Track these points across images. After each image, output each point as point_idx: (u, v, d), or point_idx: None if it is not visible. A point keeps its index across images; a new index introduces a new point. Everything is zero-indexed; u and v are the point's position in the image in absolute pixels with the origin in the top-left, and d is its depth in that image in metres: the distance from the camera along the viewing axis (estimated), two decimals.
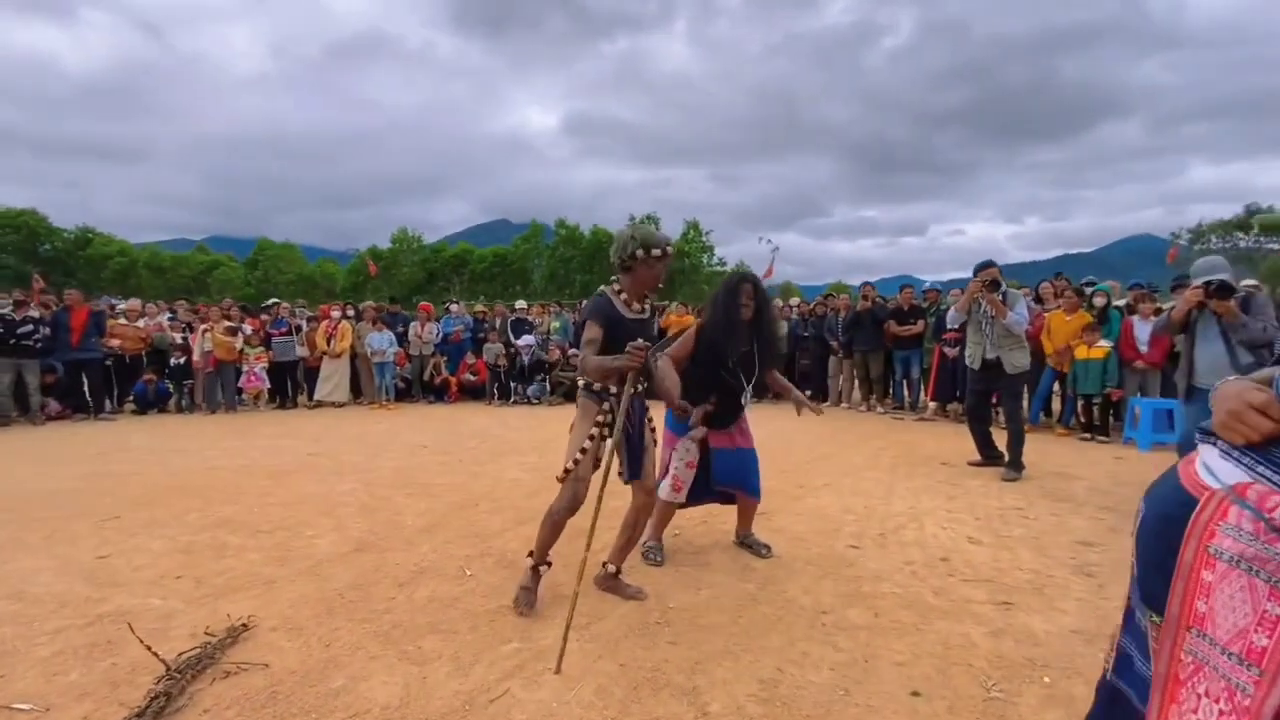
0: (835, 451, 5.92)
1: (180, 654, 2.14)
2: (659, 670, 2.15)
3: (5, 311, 8.08)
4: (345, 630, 2.43)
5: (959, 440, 6.17)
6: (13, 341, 7.86)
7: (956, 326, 6.66)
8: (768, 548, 3.25)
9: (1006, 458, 5.00)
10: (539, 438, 6.72)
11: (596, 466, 2.56)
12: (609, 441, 2.48)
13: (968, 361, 5.36)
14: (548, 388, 9.82)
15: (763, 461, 3.29)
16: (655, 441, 2.83)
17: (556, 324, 10.42)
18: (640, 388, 2.61)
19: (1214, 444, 1.04)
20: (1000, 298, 4.95)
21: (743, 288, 3.04)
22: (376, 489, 4.57)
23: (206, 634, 2.32)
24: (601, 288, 2.67)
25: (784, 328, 9.72)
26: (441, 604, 2.66)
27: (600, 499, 2.41)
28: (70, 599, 2.71)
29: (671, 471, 3.14)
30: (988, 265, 5.14)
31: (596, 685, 2.06)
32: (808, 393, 9.89)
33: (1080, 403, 6.75)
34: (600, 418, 2.56)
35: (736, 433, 3.22)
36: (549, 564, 2.65)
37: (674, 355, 3.10)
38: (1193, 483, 1.02)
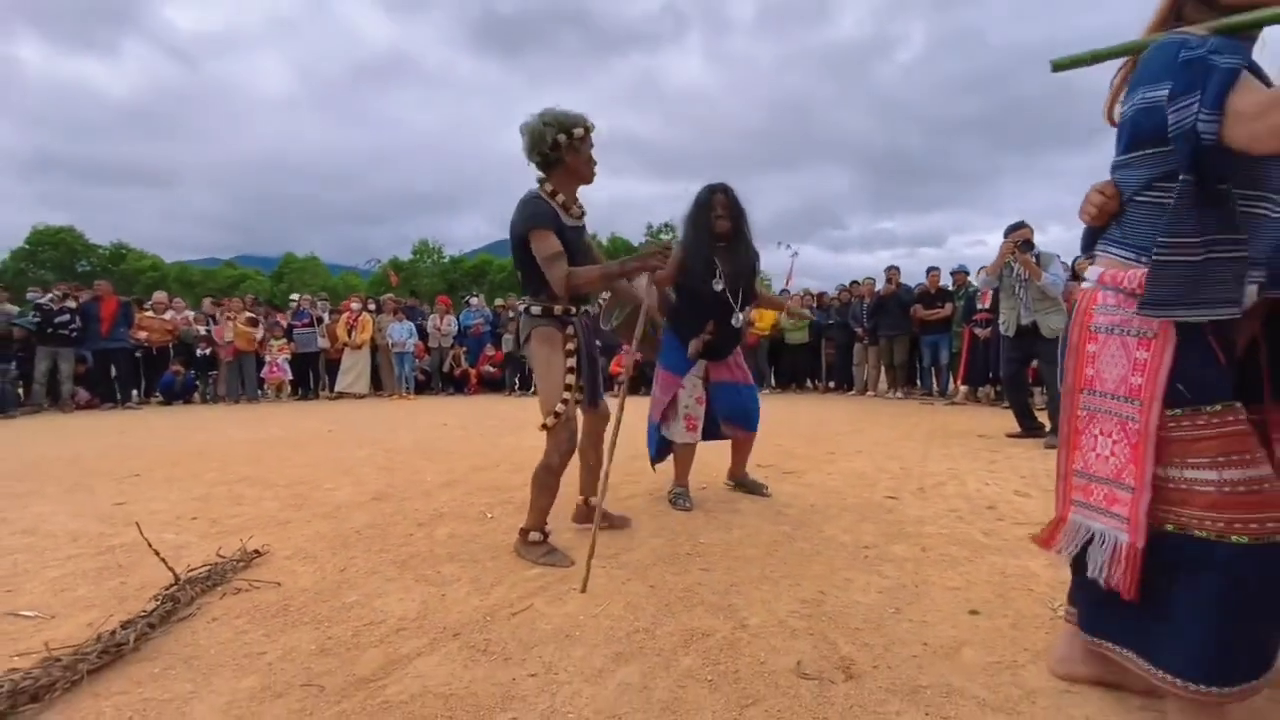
0: (866, 428, 5.72)
1: (190, 568, 2.05)
2: (692, 591, 2.00)
3: (43, 302, 8.25)
4: (361, 559, 2.32)
5: (994, 419, 5.93)
6: (50, 330, 8.00)
7: (986, 306, 6.48)
8: (766, 487, 3.23)
9: (1047, 427, 4.77)
10: None
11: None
12: (622, 372, 2.27)
13: (1002, 329, 5.13)
14: None
15: (791, 437, 3.16)
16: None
17: None
18: (585, 309, 2.35)
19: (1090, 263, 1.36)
20: (1034, 258, 4.73)
21: (714, 198, 2.76)
22: (396, 455, 4.49)
23: (219, 555, 2.23)
24: (531, 191, 2.17)
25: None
26: (461, 540, 2.54)
27: (619, 419, 2.13)
28: (83, 535, 2.65)
29: (682, 411, 3.01)
30: (1020, 226, 4.91)
31: (626, 602, 1.92)
32: (830, 384, 9.67)
33: None
34: (570, 345, 2.19)
35: (734, 366, 3.09)
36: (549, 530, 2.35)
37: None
38: (1078, 292, 1.34)
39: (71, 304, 8.33)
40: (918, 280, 8.61)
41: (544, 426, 2.16)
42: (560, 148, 2.12)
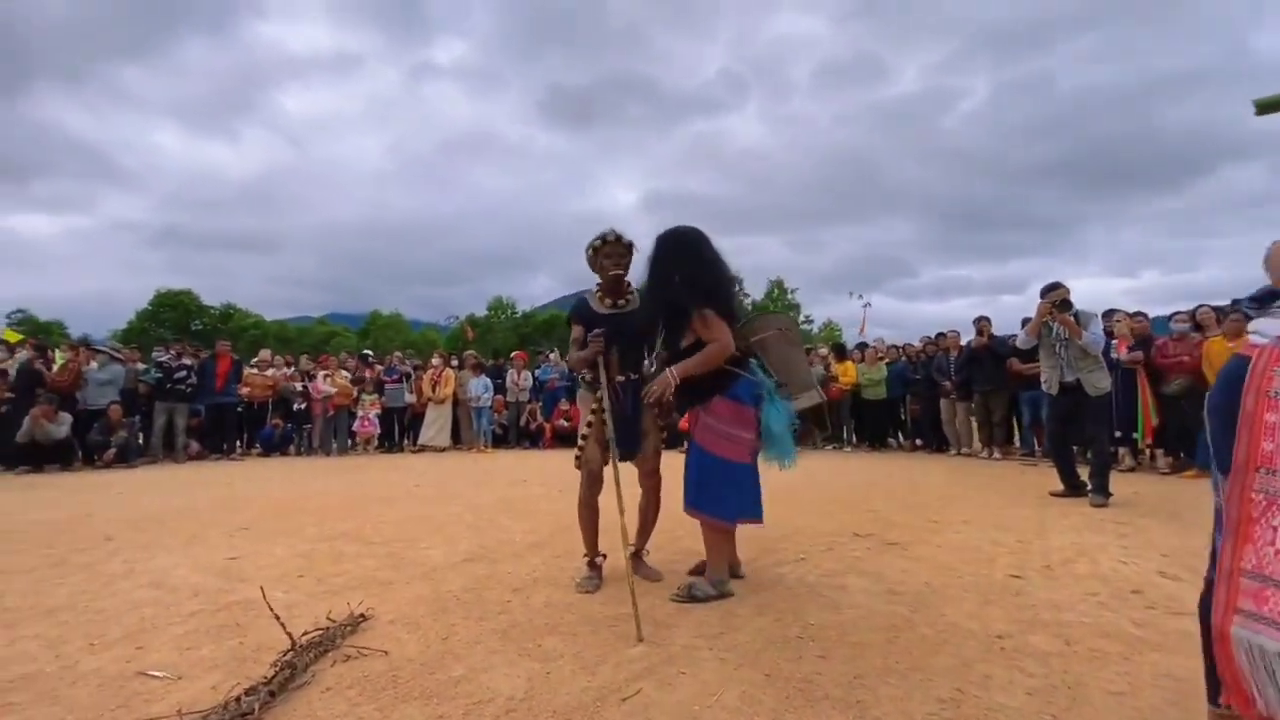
0: (966, 492, 5.33)
1: (304, 633, 2.08)
2: (811, 682, 1.85)
3: (164, 359, 9.05)
4: (462, 627, 2.30)
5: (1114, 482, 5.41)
6: (169, 386, 8.73)
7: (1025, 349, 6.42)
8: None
9: (1089, 486, 4.72)
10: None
11: (608, 449, 2.70)
12: (608, 426, 2.62)
13: (1044, 387, 5.11)
14: None
15: (886, 501, 2.89)
16: (661, 426, 2.87)
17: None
18: (630, 375, 2.75)
19: (1257, 314, 1.21)
20: (1073, 317, 4.75)
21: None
22: (482, 513, 4.53)
23: (329, 619, 2.26)
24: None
25: (882, 370, 9.16)
26: (558, 609, 2.48)
27: (617, 485, 2.56)
28: (203, 589, 2.76)
29: None
30: (1055, 286, 4.97)
31: (740, 692, 1.79)
32: (917, 442, 9.15)
33: None
34: (595, 405, 2.75)
35: (696, 430, 2.65)
36: (604, 556, 2.83)
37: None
38: (1246, 348, 1.15)
39: (188, 361, 9.10)
40: (1008, 330, 8.18)
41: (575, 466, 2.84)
42: (590, 260, 2.82)
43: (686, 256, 2.63)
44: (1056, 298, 4.86)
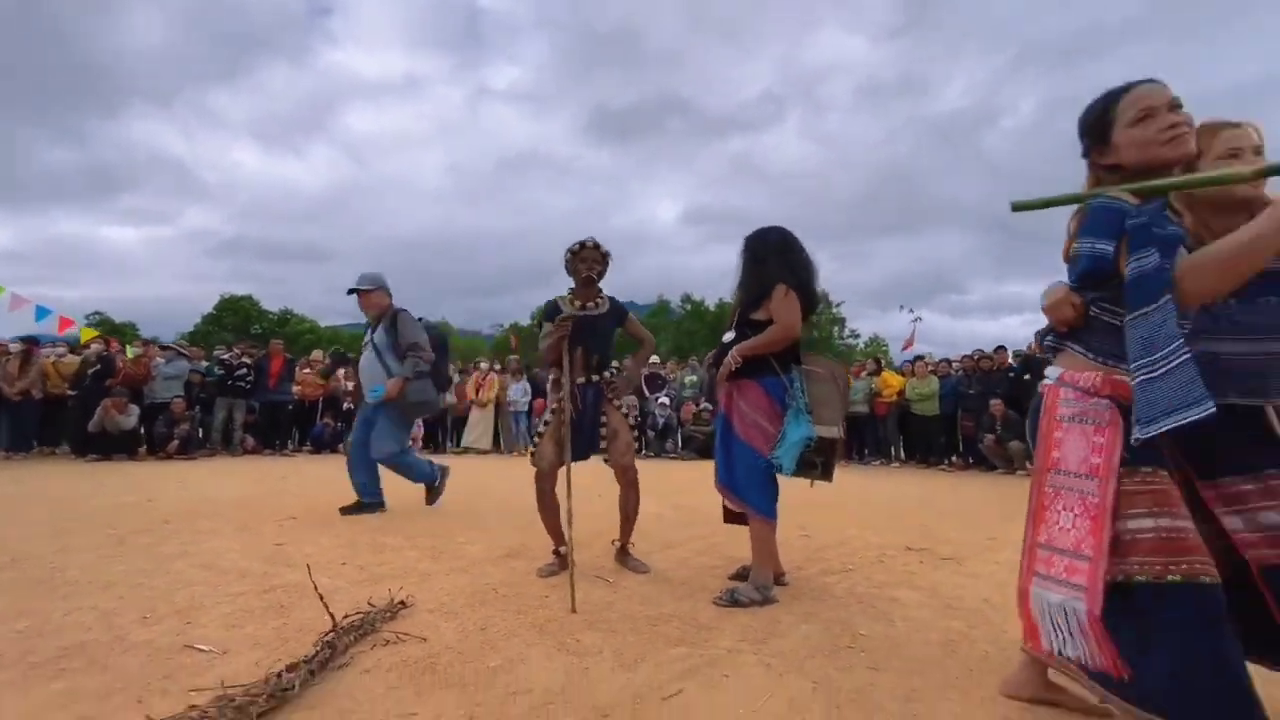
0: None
1: (346, 615, 2.08)
2: (863, 694, 1.74)
3: (227, 357, 9.45)
4: (500, 619, 2.27)
5: None
6: (230, 382, 9.11)
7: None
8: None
9: None
10: (675, 484, 6.46)
11: (561, 448, 2.83)
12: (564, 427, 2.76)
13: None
14: (679, 442, 9.59)
15: (937, 517, 2.73)
16: (631, 424, 2.95)
17: (693, 378, 10.27)
18: (592, 378, 2.88)
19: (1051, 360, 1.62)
20: None
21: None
22: (525, 513, 4.49)
23: (369, 604, 2.26)
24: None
25: (933, 383, 8.84)
26: (597, 607, 2.43)
27: (568, 483, 2.74)
28: (250, 572, 2.82)
29: None
30: None
31: (788, 699, 1.70)
32: (970, 460, 8.79)
33: None
34: (554, 405, 2.88)
35: (734, 411, 2.63)
36: (566, 546, 2.76)
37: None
38: (1042, 386, 1.58)
39: (248, 360, 9.48)
40: None
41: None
42: (566, 267, 2.99)
43: (780, 245, 2.70)
44: None
